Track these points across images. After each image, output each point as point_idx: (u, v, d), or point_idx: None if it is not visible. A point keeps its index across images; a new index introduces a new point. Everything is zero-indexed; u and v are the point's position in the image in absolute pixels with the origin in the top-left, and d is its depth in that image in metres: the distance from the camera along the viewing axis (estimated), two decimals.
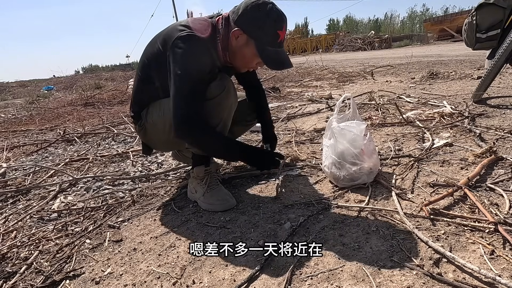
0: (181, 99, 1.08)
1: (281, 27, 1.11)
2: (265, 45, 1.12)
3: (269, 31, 1.10)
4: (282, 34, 1.13)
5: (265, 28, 1.10)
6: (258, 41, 1.11)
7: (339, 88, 4.19)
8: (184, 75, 1.08)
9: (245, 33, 1.11)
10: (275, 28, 1.10)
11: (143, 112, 1.30)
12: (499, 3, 2.14)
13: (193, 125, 1.10)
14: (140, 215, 1.31)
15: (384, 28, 46.48)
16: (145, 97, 1.28)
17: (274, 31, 1.11)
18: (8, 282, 0.97)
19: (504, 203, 1.06)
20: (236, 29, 1.12)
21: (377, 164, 1.33)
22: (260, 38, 1.11)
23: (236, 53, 1.17)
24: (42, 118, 4.27)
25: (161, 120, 1.23)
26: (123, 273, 0.96)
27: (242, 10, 1.10)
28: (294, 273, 0.87)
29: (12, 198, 1.63)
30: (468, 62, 5.41)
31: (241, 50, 1.15)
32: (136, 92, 1.32)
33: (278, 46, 1.14)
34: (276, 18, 1.10)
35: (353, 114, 1.45)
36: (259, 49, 1.12)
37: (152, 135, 1.32)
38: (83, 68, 51.57)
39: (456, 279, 0.78)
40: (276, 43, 1.13)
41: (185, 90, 1.08)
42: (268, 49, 1.12)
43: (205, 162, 1.32)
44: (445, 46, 12.42)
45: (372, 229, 1.02)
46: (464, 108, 2.27)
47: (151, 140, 1.37)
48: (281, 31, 1.12)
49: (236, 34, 1.12)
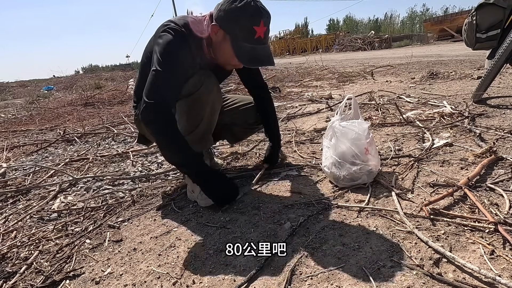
0: (153, 85, 1.08)
1: (258, 22, 1.07)
2: (240, 41, 1.09)
3: (243, 26, 1.08)
4: (260, 30, 1.09)
5: (240, 23, 1.07)
6: (232, 36, 1.10)
7: (339, 88, 4.19)
8: (161, 64, 1.08)
9: (221, 28, 1.11)
10: (251, 23, 1.07)
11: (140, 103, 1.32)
12: (499, 3, 2.14)
13: (159, 109, 1.08)
14: (140, 215, 1.32)
15: (384, 28, 46.44)
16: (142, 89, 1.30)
17: (250, 26, 1.07)
18: (8, 282, 0.97)
19: (504, 203, 1.06)
20: (213, 24, 1.11)
21: (378, 164, 1.33)
22: (235, 33, 1.09)
23: (216, 49, 1.17)
24: (42, 118, 4.28)
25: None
26: (123, 273, 0.96)
27: (221, 6, 1.10)
28: (294, 273, 0.87)
29: (12, 198, 1.63)
30: (468, 62, 5.41)
31: (220, 46, 1.15)
32: (137, 86, 1.35)
33: (257, 43, 1.10)
34: (252, 13, 1.07)
35: (354, 114, 1.45)
36: (233, 44, 1.10)
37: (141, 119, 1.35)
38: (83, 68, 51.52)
39: (456, 279, 0.78)
40: (253, 39, 1.09)
41: (159, 78, 1.08)
42: (244, 45, 1.10)
43: None
44: (445, 46, 12.42)
45: (372, 229, 1.02)
46: (464, 108, 2.26)
47: (145, 132, 1.41)
48: (258, 26, 1.08)
49: (215, 30, 1.12)
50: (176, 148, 1.13)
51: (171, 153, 1.17)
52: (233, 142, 1.84)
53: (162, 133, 1.12)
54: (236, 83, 5.11)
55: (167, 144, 1.14)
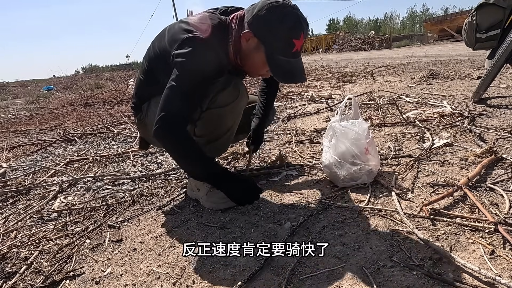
0: (172, 99, 1.02)
1: (298, 35, 1.00)
2: (276, 53, 1.02)
3: (282, 38, 1.00)
4: (298, 44, 1.02)
5: (278, 34, 0.99)
6: (268, 47, 1.02)
7: (339, 88, 4.19)
8: (183, 78, 1.02)
9: (256, 36, 1.02)
10: (290, 36, 1.00)
11: (144, 106, 1.28)
12: (499, 3, 2.14)
13: (175, 126, 1.03)
14: (140, 215, 1.31)
15: (384, 28, 46.48)
16: (147, 91, 1.26)
17: (289, 39, 1.00)
18: (8, 282, 0.97)
19: (504, 203, 1.06)
20: (247, 31, 1.03)
21: (378, 164, 1.33)
22: (271, 44, 1.01)
23: (246, 58, 1.09)
24: (42, 118, 4.28)
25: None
26: (123, 273, 0.96)
27: (257, 11, 1.01)
28: (294, 273, 0.87)
29: (12, 198, 1.63)
30: (468, 62, 5.41)
31: (251, 55, 1.07)
32: (139, 85, 1.29)
33: (292, 56, 1.03)
34: (292, 25, 0.99)
35: (354, 114, 1.45)
36: (268, 56, 1.02)
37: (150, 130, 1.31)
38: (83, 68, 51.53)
39: (456, 279, 0.78)
40: (290, 53, 1.02)
41: (179, 90, 1.02)
42: (280, 58, 1.02)
43: None
44: (445, 46, 12.42)
45: (372, 229, 1.02)
46: (464, 108, 2.26)
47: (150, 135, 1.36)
48: (298, 40, 1.01)
49: (247, 37, 1.04)
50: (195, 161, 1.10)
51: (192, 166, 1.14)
52: (233, 142, 1.84)
53: (180, 150, 1.08)
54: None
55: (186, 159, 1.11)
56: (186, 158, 1.11)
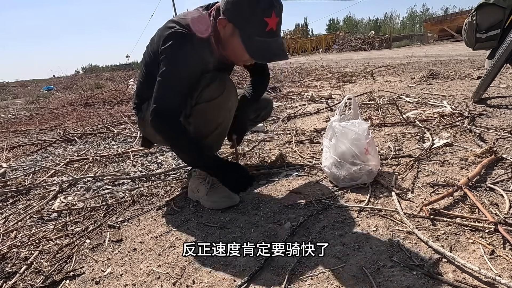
0: (162, 92, 1.09)
1: (270, 13, 1.00)
2: (251, 35, 1.03)
3: (254, 18, 1.00)
4: (272, 22, 1.01)
5: (250, 15, 1.00)
6: (242, 30, 1.03)
7: (339, 88, 4.19)
8: (169, 71, 1.08)
9: (230, 21, 1.04)
10: (262, 15, 0.99)
11: (144, 105, 1.32)
12: (499, 3, 2.14)
13: (167, 119, 1.10)
14: (140, 215, 1.32)
15: (384, 28, 46.44)
16: (146, 91, 1.28)
17: (260, 18, 1.00)
18: (8, 282, 0.97)
19: (504, 203, 1.06)
20: (221, 17, 1.05)
21: (378, 164, 1.34)
22: (244, 26, 1.03)
23: (226, 45, 1.11)
24: (42, 118, 4.28)
25: None
26: (123, 273, 0.96)
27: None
28: (294, 273, 0.87)
29: (12, 198, 1.63)
30: (468, 62, 5.41)
31: (229, 41, 1.08)
32: (139, 87, 1.35)
33: (268, 36, 1.03)
34: (263, 3, 0.99)
35: (354, 114, 1.45)
36: (243, 38, 1.03)
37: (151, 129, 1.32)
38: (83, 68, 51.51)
39: (456, 279, 0.78)
40: (265, 32, 1.02)
41: (167, 85, 1.09)
42: (255, 39, 1.02)
43: None
44: (445, 46, 12.42)
45: (372, 229, 1.02)
46: (464, 108, 2.26)
47: (150, 134, 1.39)
48: (270, 18, 1.00)
49: (223, 23, 1.06)
50: (190, 151, 1.18)
51: (186, 156, 1.23)
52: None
53: (174, 140, 1.16)
54: (236, 83, 5.10)
55: (181, 149, 1.20)
56: (182, 148, 1.19)
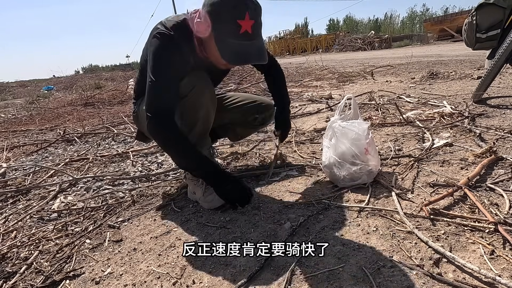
0: (150, 97, 1.10)
1: (242, 16, 0.97)
2: (224, 36, 1.01)
3: (226, 20, 0.99)
4: (245, 24, 0.98)
5: (222, 17, 0.99)
6: (216, 32, 1.02)
7: (339, 88, 4.18)
8: (154, 74, 1.09)
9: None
10: (234, 17, 0.97)
11: (138, 102, 1.39)
12: (499, 3, 2.14)
13: (161, 120, 1.09)
14: (140, 215, 1.32)
15: (384, 28, 46.44)
16: (141, 88, 1.32)
17: (233, 20, 0.98)
18: (8, 282, 0.97)
19: (504, 203, 1.06)
20: (198, 20, 1.06)
21: (378, 164, 1.33)
22: (218, 28, 1.01)
23: (206, 47, 1.12)
24: (42, 118, 4.27)
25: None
26: (123, 273, 0.96)
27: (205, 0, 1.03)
28: (294, 273, 0.87)
29: (12, 198, 1.63)
30: (468, 62, 5.41)
31: (208, 44, 1.08)
32: (136, 84, 1.40)
33: (244, 39, 1.00)
34: (234, 5, 0.97)
35: (354, 114, 1.45)
36: (216, 39, 1.02)
37: (142, 122, 1.36)
38: (83, 68, 51.61)
39: (456, 279, 0.78)
40: (239, 35, 0.99)
41: (154, 88, 1.10)
42: (229, 41, 1.01)
43: None
44: (445, 46, 12.42)
45: (372, 229, 1.02)
46: (464, 108, 2.26)
47: (143, 127, 1.40)
48: (242, 20, 0.97)
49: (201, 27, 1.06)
50: (185, 155, 1.15)
51: (182, 160, 1.19)
52: (235, 140, 1.84)
53: (168, 144, 1.15)
54: (236, 83, 5.11)
55: (176, 153, 1.17)
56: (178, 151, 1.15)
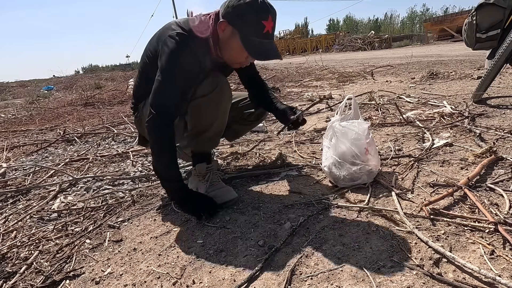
0: (156, 94, 1.13)
1: (266, 17, 1.10)
2: (249, 36, 1.11)
3: (251, 20, 1.09)
4: (268, 25, 1.11)
5: (248, 18, 1.09)
6: (241, 31, 1.11)
7: (339, 88, 4.18)
8: (167, 72, 1.11)
9: (230, 24, 1.12)
10: (259, 18, 1.09)
11: (141, 105, 1.37)
12: (499, 3, 2.14)
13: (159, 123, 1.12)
14: (140, 215, 1.32)
15: (384, 28, 46.49)
16: (143, 92, 1.32)
17: (258, 20, 1.09)
18: (8, 282, 0.97)
19: (504, 203, 1.06)
20: (222, 20, 1.12)
21: (378, 164, 1.33)
22: (244, 28, 1.11)
23: (224, 47, 1.18)
24: (42, 118, 4.27)
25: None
26: (123, 273, 0.96)
27: (228, 2, 1.12)
28: (294, 273, 0.87)
29: (12, 198, 1.63)
30: (468, 62, 5.41)
31: (228, 43, 1.15)
32: (136, 86, 1.38)
33: (264, 38, 1.12)
34: (259, 8, 1.09)
35: (354, 114, 1.45)
36: (242, 38, 1.11)
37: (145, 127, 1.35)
38: (83, 68, 51.61)
39: (456, 279, 0.78)
40: (261, 34, 1.11)
41: (162, 87, 1.12)
42: (253, 39, 1.11)
43: (206, 160, 1.34)
44: (445, 46, 12.42)
45: (372, 229, 1.02)
46: (464, 108, 2.27)
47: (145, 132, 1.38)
48: (266, 21, 1.10)
49: (222, 27, 1.13)
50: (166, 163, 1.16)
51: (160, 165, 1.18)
52: (233, 139, 1.84)
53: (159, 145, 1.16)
54: (236, 83, 5.11)
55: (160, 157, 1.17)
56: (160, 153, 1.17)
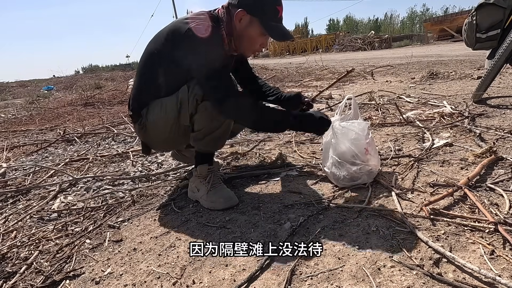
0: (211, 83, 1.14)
1: (280, 2, 1.19)
2: (269, 21, 1.18)
3: (269, 7, 1.17)
4: (281, 10, 1.20)
5: (266, 4, 1.17)
6: (261, 18, 1.17)
7: (339, 88, 4.18)
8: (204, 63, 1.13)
9: (248, 13, 1.16)
10: (274, 3, 1.17)
11: (144, 111, 1.26)
12: (499, 3, 2.14)
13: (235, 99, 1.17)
14: (140, 215, 1.32)
15: (384, 28, 46.50)
16: (146, 95, 1.26)
17: (274, 6, 1.17)
18: (8, 282, 0.97)
19: (504, 203, 1.06)
20: (239, 10, 1.16)
21: (378, 164, 1.33)
22: (262, 15, 1.17)
23: (242, 36, 1.22)
24: (42, 118, 4.27)
25: (163, 118, 1.22)
26: (123, 273, 0.96)
27: None
28: (294, 273, 0.87)
29: (12, 198, 1.63)
30: (468, 62, 5.41)
31: (247, 31, 1.20)
32: (137, 90, 1.29)
33: (279, 21, 1.21)
34: None
35: (354, 114, 1.45)
36: (264, 24, 1.17)
37: (153, 134, 1.29)
38: (83, 68, 51.58)
39: (456, 279, 0.78)
40: (278, 18, 1.19)
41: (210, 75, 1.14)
42: (272, 24, 1.19)
43: (208, 161, 1.33)
44: (445, 46, 12.42)
45: (372, 229, 1.02)
46: (464, 108, 2.27)
47: (151, 140, 1.34)
48: (280, 6, 1.19)
49: (240, 16, 1.17)
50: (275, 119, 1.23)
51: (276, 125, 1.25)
52: (230, 137, 1.84)
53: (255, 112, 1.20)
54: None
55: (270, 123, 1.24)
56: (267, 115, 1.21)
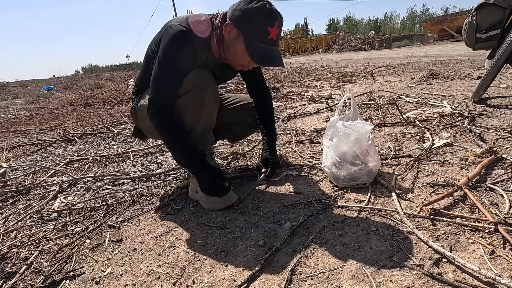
0: (154, 86, 1.14)
1: (272, 23, 1.10)
2: (253, 40, 1.12)
3: (258, 25, 1.10)
4: (273, 32, 1.12)
5: (254, 22, 1.10)
6: (246, 34, 1.12)
7: (339, 88, 4.19)
8: (162, 64, 1.13)
9: (236, 26, 1.13)
10: (265, 23, 1.10)
11: (137, 97, 1.38)
12: (499, 3, 2.14)
13: (160, 113, 1.15)
14: (140, 215, 1.32)
15: (384, 28, 46.53)
16: (143, 85, 1.33)
17: (264, 26, 1.10)
18: (8, 282, 0.97)
19: (504, 203, 1.06)
20: (228, 22, 1.14)
21: (378, 164, 1.33)
22: (249, 32, 1.11)
23: (228, 48, 1.19)
24: (42, 118, 4.27)
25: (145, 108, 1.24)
26: (123, 273, 0.96)
27: (236, 5, 1.13)
28: (294, 273, 0.87)
29: (12, 198, 1.63)
30: (468, 62, 5.41)
31: (233, 45, 1.16)
32: (138, 80, 1.39)
33: (269, 44, 1.13)
34: (266, 14, 1.09)
35: (353, 114, 1.45)
36: (246, 42, 1.12)
37: (140, 120, 1.38)
38: (83, 68, 51.63)
39: (456, 279, 0.78)
40: (267, 40, 1.12)
41: (159, 79, 1.14)
42: (257, 44, 1.12)
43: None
44: (445, 46, 12.42)
45: (372, 229, 1.02)
46: (464, 108, 2.27)
47: (140, 125, 1.43)
48: (272, 28, 1.11)
49: (228, 28, 1.14)
50: (178, 148, 1.20)
51: (175, 152, 1.23)
52: (234, 141, 1.84)
53: (165, 134, 1.19)
54: (236, 83, 5.11)
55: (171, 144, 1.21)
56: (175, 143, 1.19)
